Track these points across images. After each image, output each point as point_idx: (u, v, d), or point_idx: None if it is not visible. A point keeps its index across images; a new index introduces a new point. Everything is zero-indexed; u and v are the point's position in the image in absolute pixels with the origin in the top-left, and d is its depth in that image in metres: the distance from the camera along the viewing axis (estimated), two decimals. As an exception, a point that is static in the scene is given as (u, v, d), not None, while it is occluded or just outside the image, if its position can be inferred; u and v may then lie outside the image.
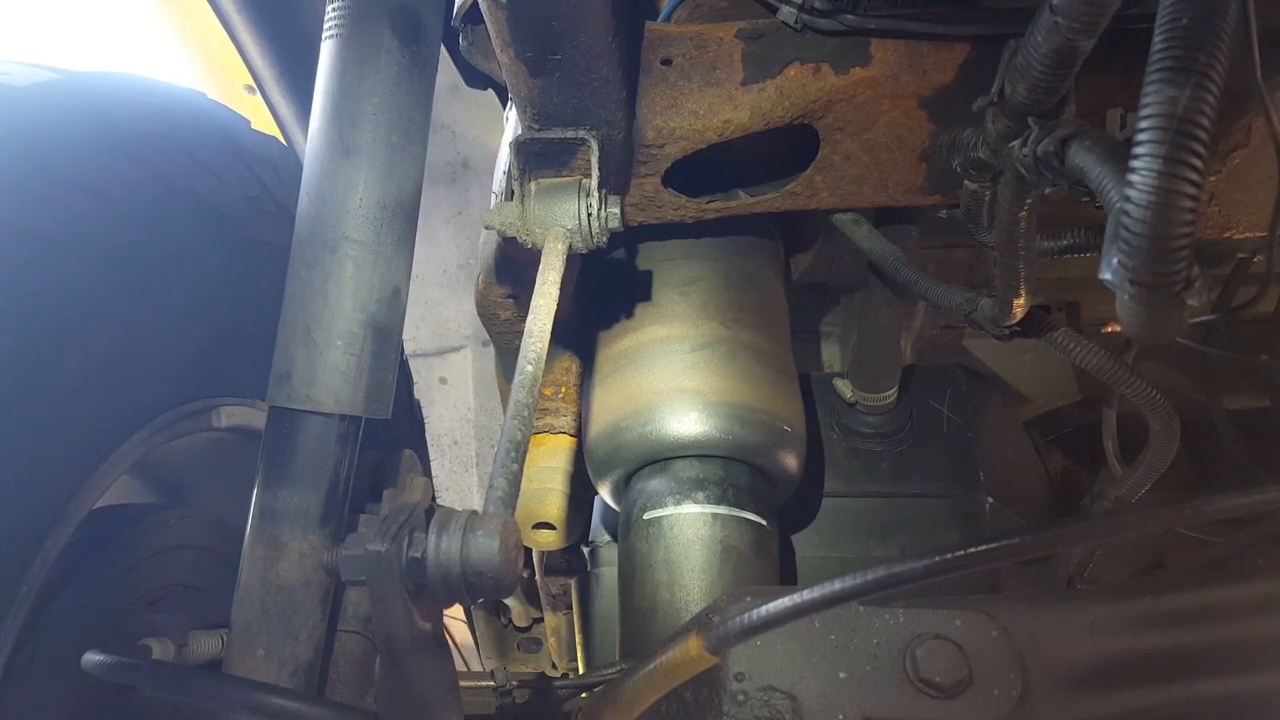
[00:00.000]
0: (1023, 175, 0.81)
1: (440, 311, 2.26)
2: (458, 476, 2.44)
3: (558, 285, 1.01)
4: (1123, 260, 0.55)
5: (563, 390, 1.59)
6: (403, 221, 1.11)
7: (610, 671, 1.15)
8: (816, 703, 0.90)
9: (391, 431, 1.48)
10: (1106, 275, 0.56)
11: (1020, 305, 1.00)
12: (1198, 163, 0.52)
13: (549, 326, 0.97)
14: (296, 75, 2.04)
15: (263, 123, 2.15)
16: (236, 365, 1.29)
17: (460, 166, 2.14)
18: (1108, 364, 1.07)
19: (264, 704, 0.88)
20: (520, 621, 2.36)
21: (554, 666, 2.32)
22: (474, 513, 0.81)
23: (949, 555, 0.69)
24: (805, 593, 0.75)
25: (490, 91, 1.77)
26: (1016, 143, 0.81)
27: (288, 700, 0.88)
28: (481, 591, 0.77)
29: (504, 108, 1.55)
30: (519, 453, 0.85)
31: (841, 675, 0.91)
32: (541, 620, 2.21)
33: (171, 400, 1.21)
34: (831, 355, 1.88)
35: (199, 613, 1.24)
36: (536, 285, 1.00)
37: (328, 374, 1.05)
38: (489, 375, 2.25)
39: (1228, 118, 0.94)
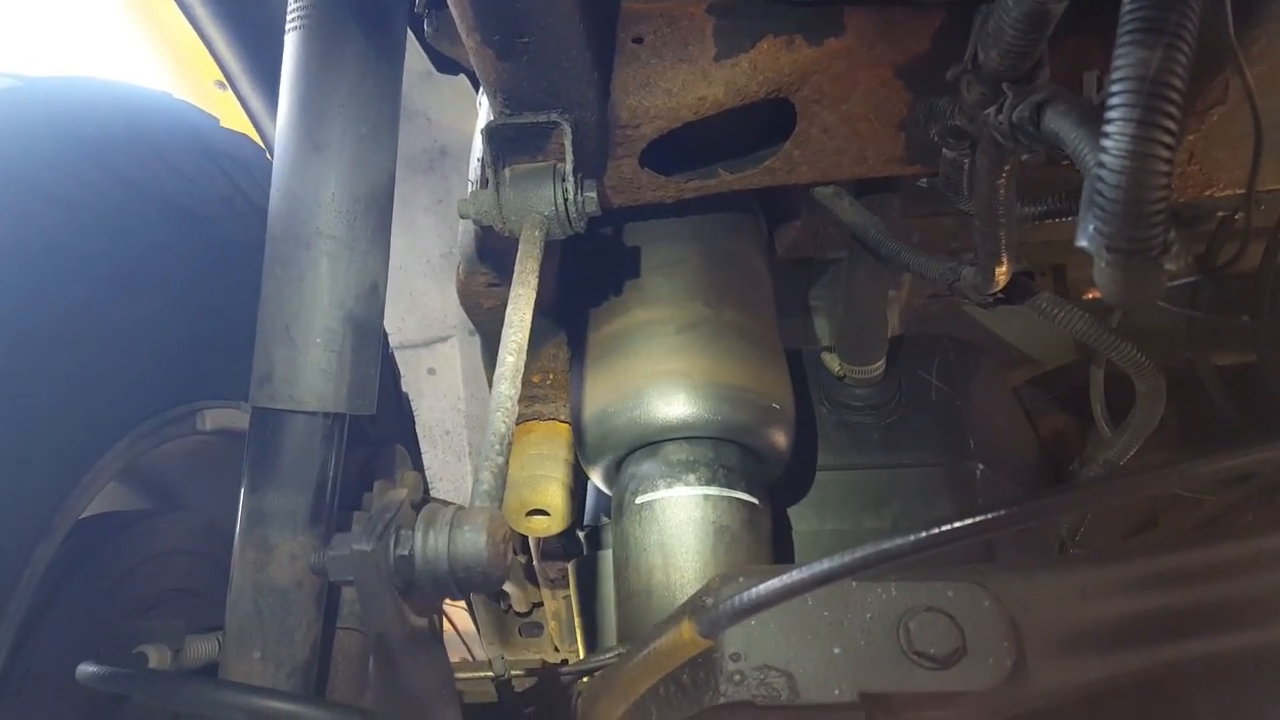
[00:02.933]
0: (999, 142, 0.80)
1: (425, 302, 2.25)
2: (451, 466, 2.44)
3: (536, 274, 1.00)
4: (1099, 227, 0.54)
5: (551, 377, 1.58)
6: (377, 214, 1.10)
7: (607, 656, 1.15)
8: (812, 679, 0.90)
9: (380, 427, 1.47)
10: (1083, 243, 0.56)
11: (1003, 272, 0.99)
12: (1171, 125, 0.51)
13: (529, 316, 0.96)
14: (267, 69, 2.02)
15: (236, 118, 2.13)
16: (218, 367, 1.28)
17: (438, 154, 2.12)
18: (1091, 327, 1.07)
19: (259, 708, 0.87)
20: (520, 607, 2.37)
21: (556, 650, 2.33)
22: (460, 508, 0.80)
23: (935, 531, 0.69)
24: (795, 573, 0.75)
25: (463, 76, 1.75)
26: (992, 110, 0.80)
27: (283, 703, 0.88)
28: (471, 586, 0.77)
29: (477, 92, 1.53)
30: (504, 445, 0.84)
31: (836, 651, 0.91)
32: (541, 605, 2.22)
33: (154, 406, 1.20)
34: (821, 329, 1.87)
35: (195, 617, 1.24)
36: (515, 274, 0.99)
37: (309, 373, 1.04)
38: (478, 364, 2.24)
39: (1205, 75, 0.93)
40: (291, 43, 1.08)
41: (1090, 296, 1.47)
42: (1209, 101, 0.95)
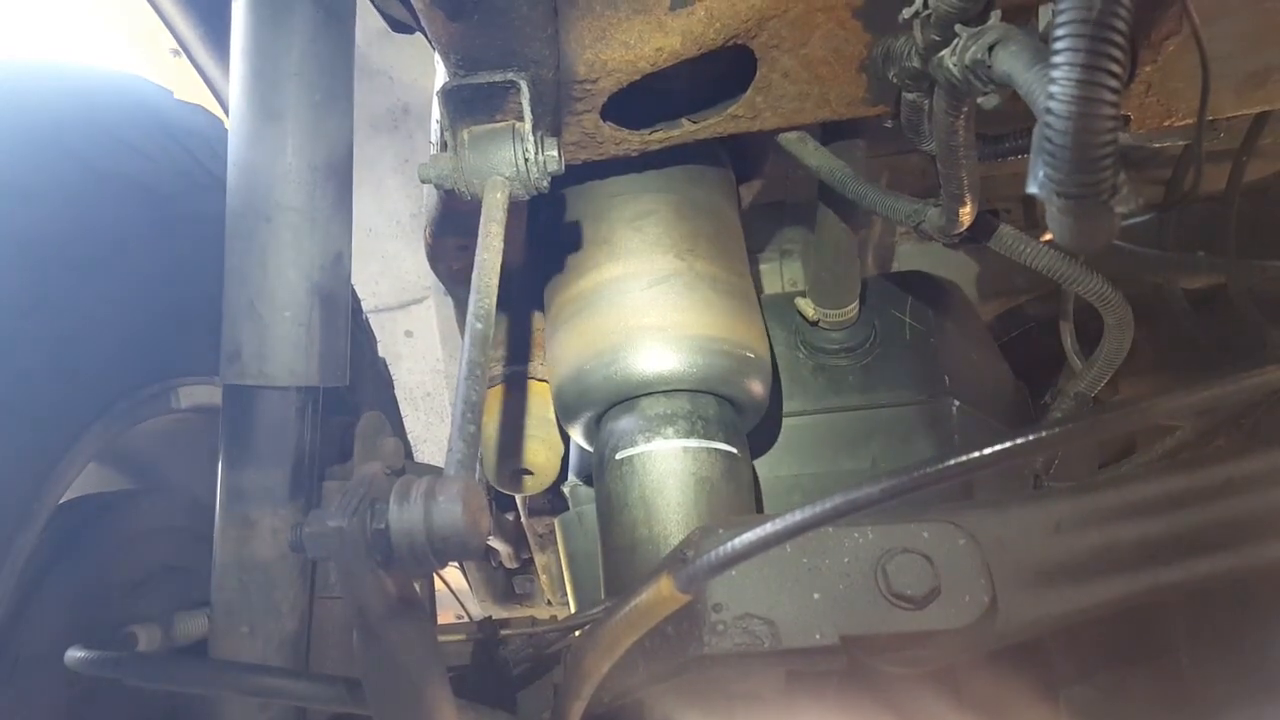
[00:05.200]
0: (954, 85, 0.79)
1: (398, 264, 2.23)
2: (434, 428, 2.44)
3: (501, 237, 0.99)
4: (1048, 173, 0.54)
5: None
6: (337, 182, 1.08)
7: (594, 612, 1.16)
8: (793, 625, 0.92)
9: (357, 395, 1.47)
10: (1033, 189, 0.56)
11: (966, 213, 0.99)
12: (1115, 68, 0.51)
13: (496, 281, 0.95)
14: (222, 34, 1.97)
15: (194, 87, 2.08)
16: (189, 344, 1.27)
17: (401, 112, 2.08)
18: (1055, 262, 1.07)
19: (251, 684, 0.88)
20: (510, 563, 2.39)
21: (549, 604, 2.36)
22: (436, 475, 0.81)
23: (906, 477, 0.70)
24: (769, 525, 0.76)
25: (420, 34, 1.71)
26: (946, 52, 0.79)
27: (274, 678, 0.89)
28: (449, 556, 0.77)
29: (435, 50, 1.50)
30: (475, 414, 0.84)
31: (816, 596, 0.93)
32: (532, 559, 2.24)
33: (128, 385, 1.19)
34: (795, 272, 1.87)
35: (184, 593, 1.25)
36: (479, 239, 0.98)
37: (278, 347, 1.04)
38: (454, 324, 2.23)
39: (1158, 5, 0.92)
40: (239, 10, 1.06)
41: (1047, 238, 1.48)
42: (1164, 32, 0.94)
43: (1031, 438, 0.71)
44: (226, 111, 1.97)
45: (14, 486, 1.00)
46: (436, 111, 1.19)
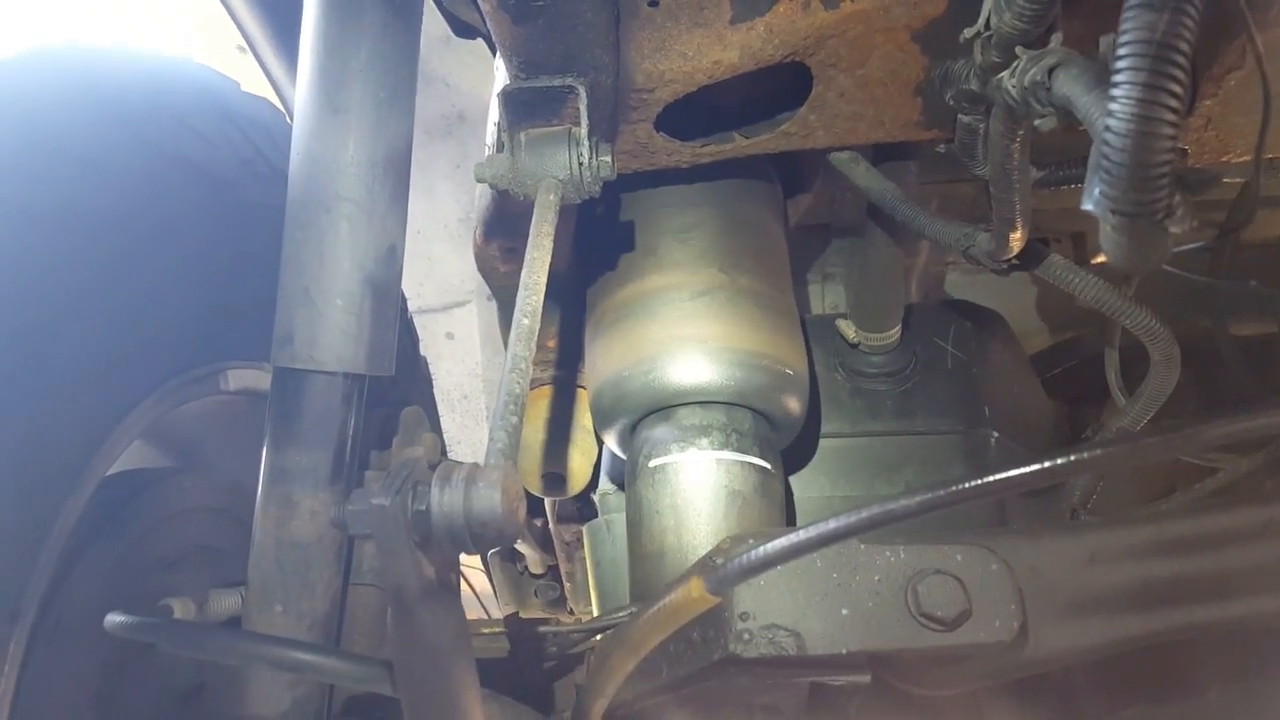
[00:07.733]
0: (1012, 107, 0.80)
1: (444, 267, 2.26)
2: (469, 430, 2.46)
3: (551, 238, 1.01)
4: (1104, 190, 0.55)
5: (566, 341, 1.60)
6: (395, 178, 1.11)
7: (620, 615, 1.17)
8: (820, 639, 0.92)
9: (399, 389, 1.49)
10: (1088, 205, 0.56)
11: (1017, 239, 0.99)
12: (1177, 88, 0.51)
13: (544, 279, 0.97)
14: (288, 33, 2.02)
15: (256, 83, 2.14)
16: (240, 328, 1.30)
17: (456, 119, 2.12)
18: (1104, 293, 1.06)
19: (283, 657, 0.90)
20: (536, 568, 2.40)
21: (571, 612, 2.37)
22: (476, 465, 0.82)
23: (941, 492, 0.70)
24: (802, 533, 0.76)
25: (481, 41, 1.75)
26: (1005, 74, 0.79)
27: (306, 653, 0.90)
28: (486, 541, 0.78)
29: (495, 57, 1.53)
30: (518, 405, 0.86)
31: (844, 612, 0.93)
32: (557, 566, 2.25)
33: (178, 366, 1.22)
34: (837, 296, 1.87)
35: (218, 572, 1.27)
36: (530, 238, 1.00)
37: (329, 333, 1.06)
38: (495, 329, 2.25)
39: (1222, 40, 0.92)
40: (311, 7, 1.09)
41: (1097, 261, 1.47)
42: (1226, 66, 0.94)
43: (1071, 458, 0.71)
44: (288, 109, 2.02)
45: (64, 457, 1.03)
46: (495, 113, 1.21)
